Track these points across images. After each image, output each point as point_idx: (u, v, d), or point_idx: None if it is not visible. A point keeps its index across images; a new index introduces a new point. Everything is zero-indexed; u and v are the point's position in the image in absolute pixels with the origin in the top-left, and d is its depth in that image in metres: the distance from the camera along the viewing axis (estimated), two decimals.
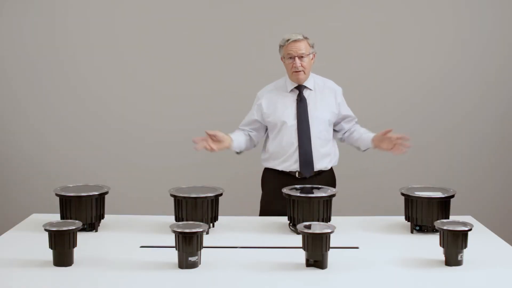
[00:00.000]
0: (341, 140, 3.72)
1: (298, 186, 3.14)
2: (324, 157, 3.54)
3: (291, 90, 3.56)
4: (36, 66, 4.77)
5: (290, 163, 3.52)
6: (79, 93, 4.80)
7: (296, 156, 3.51)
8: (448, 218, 2.93)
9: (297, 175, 3.52)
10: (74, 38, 4.76)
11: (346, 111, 3.65)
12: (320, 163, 3.53)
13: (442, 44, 4.73)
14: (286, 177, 3.53)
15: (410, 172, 4.73)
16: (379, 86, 4.77)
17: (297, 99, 3.54)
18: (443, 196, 2.96)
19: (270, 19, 4.63)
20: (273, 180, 3.59)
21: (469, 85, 4.76)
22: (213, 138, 3.36)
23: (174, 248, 2.50)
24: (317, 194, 2.99)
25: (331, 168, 3.63)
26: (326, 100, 3.58)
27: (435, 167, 4.80)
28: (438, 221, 2.65)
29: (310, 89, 3.57)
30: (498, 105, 4.77)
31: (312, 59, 3.56)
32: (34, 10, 4.72)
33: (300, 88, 3.56)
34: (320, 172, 3.55)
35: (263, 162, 3.66)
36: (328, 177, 3.59)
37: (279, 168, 3.55)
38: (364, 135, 3.57)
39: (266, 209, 3.58)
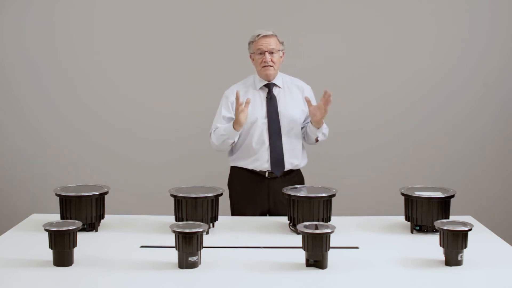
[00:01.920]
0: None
1: (298, 186, 3.14)
2: (295, 155, 3.53)
3: (261, 88, 3.56)
4: (36, 66, 4.77)
5: (261, 162, 3.50)
6: (78, 93, 4.80)
7: (267, 154, 3.49)
8: (448, 218, 2.93)
9: (267, 175, 3.52)
10: (73, 38, 4.76)
11: None
12: (291, 162, 3.52)
13: (441, 44, 4.73)
14: (255, 177, 3.53)
15: (410, 172, 4.73)
16: (379, 86, 4.77)
17: (267, 97, 3.53)
18: (443, 196, 2.96)
19: (268, 19, 4.62)
20: (241, 180, 3.57)
21: (469, 85, 4.76)
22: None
23: (174, 248, 2.50)
24: (317, 194, 2.98)
25: (299, 169, 3.62)
26: (295, 98, 3.57)
27: (435, 167, 4.79)
28: (438, 221, 2.64)
29: (279, 87, 3.56)
30: (498, 105, 4.77)
31: (281, 57, 3.56)
32: (34, 10, 4.72)
33: (269, 86, 3.55)
34: (290, 171, 3.54)
35: (230, 162, 3.62)
36: (296, 178, 3.58)
37: (250, 167, 3.53)
38: (309, 124, 3.49)
39: (238, 211, 3.57)
